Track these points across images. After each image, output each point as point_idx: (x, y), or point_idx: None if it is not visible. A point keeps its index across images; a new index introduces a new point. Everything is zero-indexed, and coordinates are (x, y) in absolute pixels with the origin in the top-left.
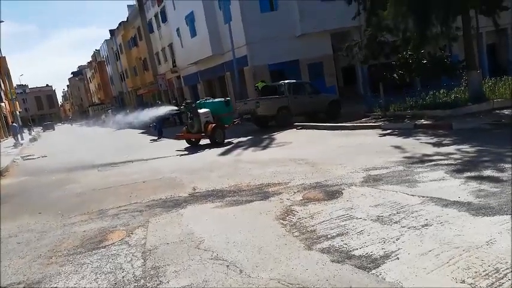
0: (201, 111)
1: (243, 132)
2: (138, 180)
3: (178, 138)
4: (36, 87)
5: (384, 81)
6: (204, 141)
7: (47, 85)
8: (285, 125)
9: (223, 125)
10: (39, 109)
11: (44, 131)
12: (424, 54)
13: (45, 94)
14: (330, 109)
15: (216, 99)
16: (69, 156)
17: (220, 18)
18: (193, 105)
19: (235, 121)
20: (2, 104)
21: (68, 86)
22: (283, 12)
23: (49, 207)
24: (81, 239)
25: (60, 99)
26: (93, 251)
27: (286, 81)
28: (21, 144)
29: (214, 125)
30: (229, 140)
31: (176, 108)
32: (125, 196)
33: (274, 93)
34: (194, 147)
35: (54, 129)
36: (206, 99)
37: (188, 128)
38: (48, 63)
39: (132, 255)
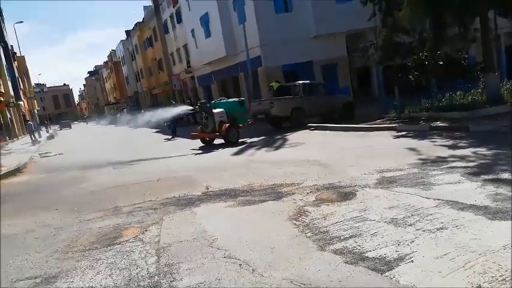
0: (216, 111)
1: (257, 132)
2: (152, 179)
3: (193, 137)
4: (54, 86)
5: (399, 82)
6: (219, 141)
7: (64, 84)
8: (299, 125)
9: (238, 125)
10: (57, 108)
11: (60, 129)
12: (441, 55)
13: (62, 93)
14: (344, 111)
15: (231, 100)
16: (85, 154)
17: (235, 19)
18: (208, 105)
19: (249, 121)
20: (21, 103)
21: (84, 85)
22: (297, 13)
23: (65, 204)
24: (97, 235)
25: (76, 98)
26: (108, 247)
27: (301, 81)
28: (39, 142)
29: (228, 124)
30: (243, 139)
31: (191, 107)
32: (139, 194)
33: (289, 93)
34: (208, 147)
35: (71, 128)
36: (221, 99)
37: (203, 128)
38: (65, 63)
39: (146, 252)
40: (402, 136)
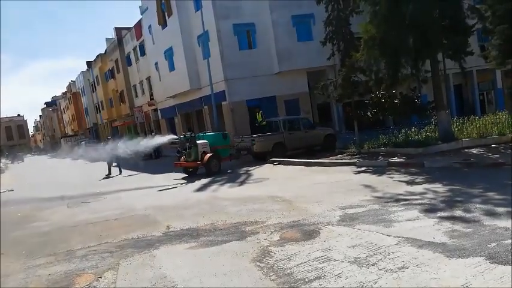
0: (200, 142)
1: (241, 162)
2: (110, 218)
3: (176, 166)
4: (7, 116)
5: (358, 119)
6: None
7: (18, 115)
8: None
9: (220, 156)
10: (9, 139)
11: (12, 163)
12: (396, 94)
13: (16, 124)
14: (325, 143)
15: (215, 133)
16: (37, 190)
17: (199, 53)
18: (193, 135)
19: (232, 154)
20: None
21: (40, 116)
22: (261, 50)
23: (12, 247)
24: (46, 284)
25: (31, 130)
26: None
27: (281, 117)
28: None
29: (210, 154)
30: (227, 170)
31: (176, 137)
32: (95, 235)
33: (270, 129)
34: (184, 178)
35: (23, 161)
36: (206, 132)
37: (186, 157)
38: (20, 93)
39: None
40: (362, 171)
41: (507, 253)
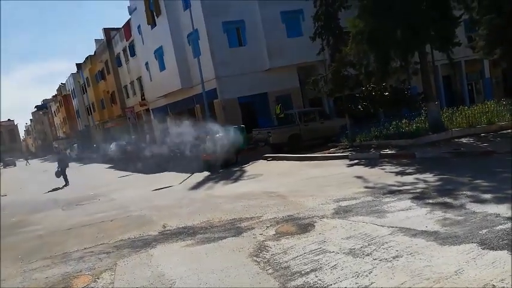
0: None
1: (259, 154)
2: (105, 219)
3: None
4: None
5: (350, 112)
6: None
7: (9, 120)
8: (297, 150)
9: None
10: (0, 144)
11: (4, 167)
12: (386, 86)
13: (7, 129)
14: (341, 133)
15: (232, 126)
16: (31, 195)
17: (189, 52)
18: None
19: (250, 145)
20: None
21: (31, 120)
22: (251, 47)
23: (8, 252)
24: (43, 287)
25: (22, 134)
26: None
27: (297, 109)
28: None
29: None
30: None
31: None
32: (91, 237)
33: (287, 121)
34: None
35: (15, 165)
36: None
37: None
38: (10, 98)
39: None
40: (355, 164)
41: (498, 239)
